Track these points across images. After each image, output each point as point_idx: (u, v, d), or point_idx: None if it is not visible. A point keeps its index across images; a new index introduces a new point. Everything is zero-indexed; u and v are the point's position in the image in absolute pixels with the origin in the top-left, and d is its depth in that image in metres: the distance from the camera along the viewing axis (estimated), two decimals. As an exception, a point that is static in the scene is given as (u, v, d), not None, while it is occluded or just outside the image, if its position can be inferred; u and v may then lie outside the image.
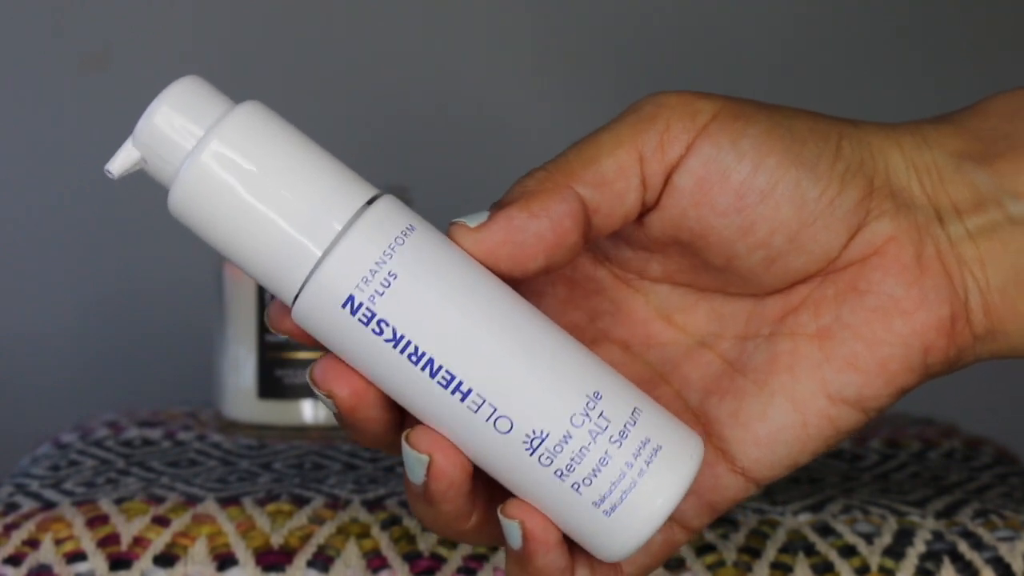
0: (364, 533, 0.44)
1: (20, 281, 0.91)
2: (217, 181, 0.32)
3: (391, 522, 0.45)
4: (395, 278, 0.32)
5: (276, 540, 0.44)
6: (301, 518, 0.45)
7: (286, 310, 0.33)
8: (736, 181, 0.35)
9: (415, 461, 0.33)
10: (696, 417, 0.36)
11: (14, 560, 0.43)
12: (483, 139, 0.93)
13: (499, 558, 0.43)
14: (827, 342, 0.36)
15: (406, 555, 0.43)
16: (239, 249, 0.33)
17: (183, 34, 0.92)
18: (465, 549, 0.43)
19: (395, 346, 0.32)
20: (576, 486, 0.33)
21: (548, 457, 0.32)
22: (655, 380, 0.37)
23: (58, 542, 0.44)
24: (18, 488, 0.49)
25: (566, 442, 0.32)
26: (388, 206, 0.33)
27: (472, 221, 0.34)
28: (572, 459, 0.32)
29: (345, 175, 0.33)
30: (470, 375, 0.32)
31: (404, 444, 0.33)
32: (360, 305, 0.32)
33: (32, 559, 0.43)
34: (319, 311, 0.32)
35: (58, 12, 0.91)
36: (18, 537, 0.44)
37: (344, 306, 0.32)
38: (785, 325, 0.36)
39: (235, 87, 1.01)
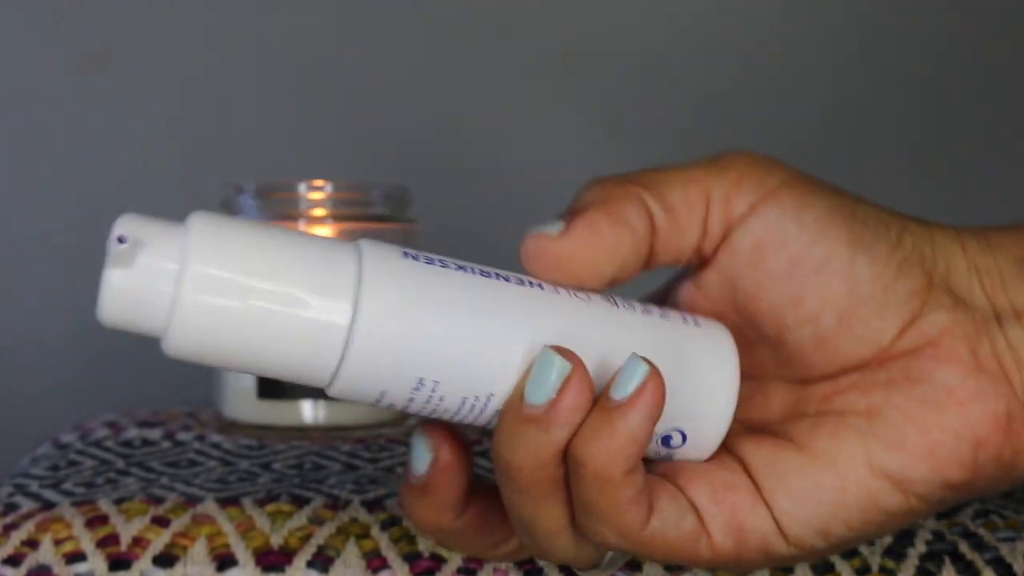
0: (364, 533, 0.44)
1: (20, 281, 0.91)
2: (215, 311, 0.31)
3: (391, 522, 0.45)
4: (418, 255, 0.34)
5: (276, 540, 0.44)
6: (301, 518, 0.45)
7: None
8: (793, 249, 0.35)
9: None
10: (734, 457, 0.37)
11: (13, 560, 0.43)
12: (483, 139, 0.92)
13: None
14: (875, 419, 0.36)
15: (406, 555, 0.43)
16: (261, 358, 0.32)
17: (183, 34, 0.92)
18: (465, 549, 0.43)
19: (464, 271, 0.33)
20: (663, 315, 0.35)
21: (626, 304, 0.35)
22: None
23: (57, 542, 0.44)
24: (17, 488, 0.49)
25: (626, 297, 0.36)
26: (373, 243, 0.34)
27: (552, 229, 0.35)
28: (643, 304, 0.36)
29: (321, 241, 0.33)
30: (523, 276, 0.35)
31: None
32: (417, 255, 0.33)
33: (31, 559, 0.43)
34: (390, 282, 0.32)
35: (58, 12, 0.91)
36: (17, 537, 0.44)
37: (405, 257, 0.33)
38: (832, 403, 0.36)
39: (235, 88, 1.01)
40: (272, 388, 0.60)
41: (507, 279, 0.34)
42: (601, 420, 0.33)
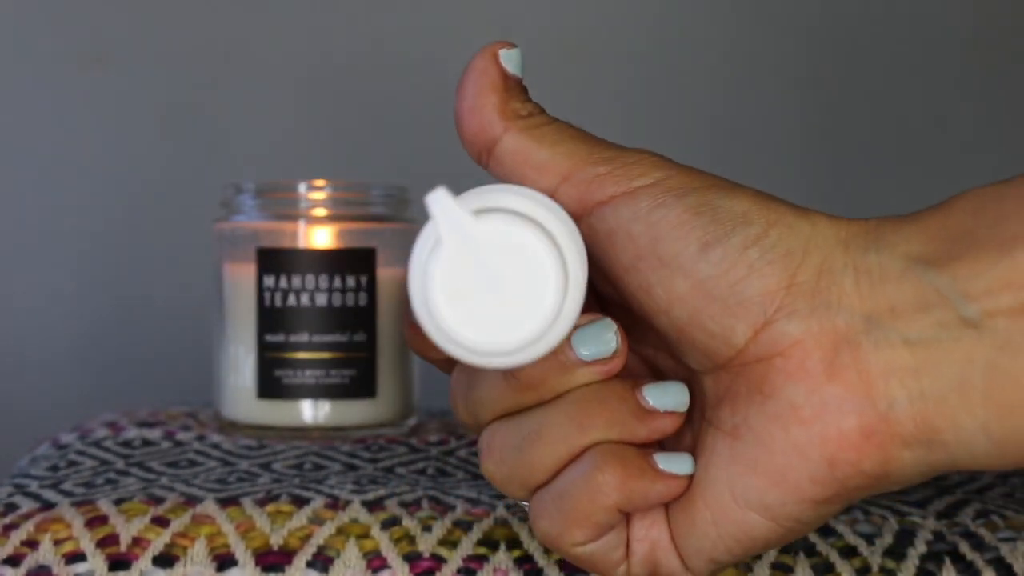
0: (364, 534, 0.44)
1: (19, 280, 0.91)
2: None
3: (391, 522, 0.45)
4: None
5: (276, 541, 0.44)
6: (301, 518, 0.45)
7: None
8: (640, 244, 0.36)
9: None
10: None
11: (13, 561, 0.43)
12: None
13: (499, 558, 0.43)
14: (736, 442, 0.36)
15: (406, 556, 0.43)
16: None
17: (183, 34, 0.92)
18: (465, 549, 0.43)
19: None
20: None
21: None
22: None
23: (57, 543, 0.44)
24: (17, 488, 0.49)
25: None
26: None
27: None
28: None
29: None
30: None
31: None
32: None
33: (31, 560, 0.43)
34: None
35: (58, 12, 0.91)
36: (17, 538, 0.44)
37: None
38: (714, 415, 0.37)
39: (236, 86, 1.01)
40: (272, 388, 0.60)
41: None
42: (644, 467, 0.36)
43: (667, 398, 0.37)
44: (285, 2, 0.93)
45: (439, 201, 0.32)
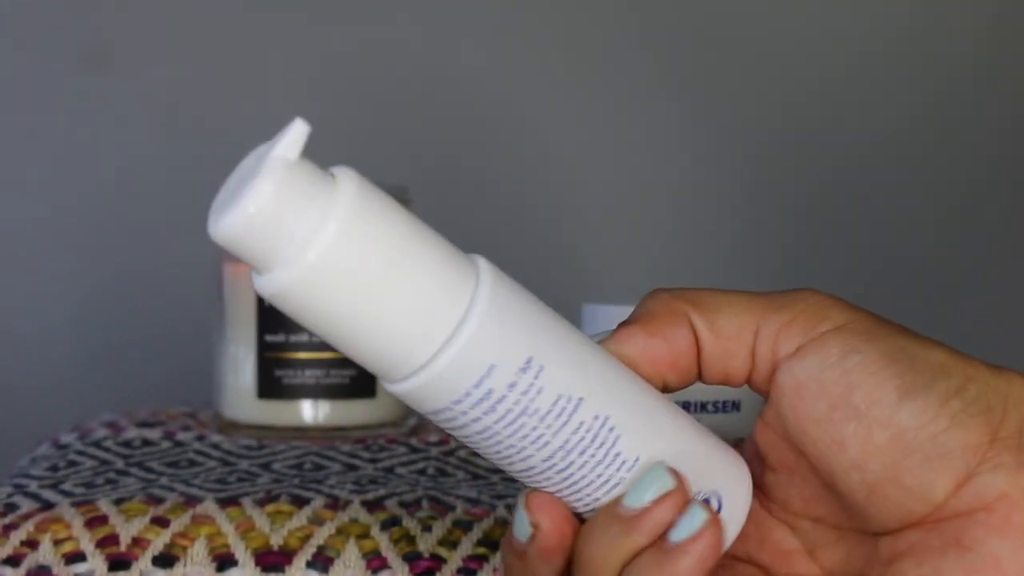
0: (364, 534, 0.44)
1: (19, 280, 0.91)
2: (336, 274, 0.31)
3: (391, 523, 0.45)
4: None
5: (276, 541, 0.44)
6: (301, 519, 0.45)
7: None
8: (833, 393, 0.34)
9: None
10: None
11: (13, 561, 0.43)
12: (483, 138, 0.93)
13: (499, 558, 0.43)
14: None
15: (406, 556, 0.43)
16: (353, 336, 0.31)
17: (184, 35, 0.92)
18: (465, 549, 0.43)
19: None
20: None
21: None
22: None
23: (57, 543, 0.44)
24: (17, 488, 0.49)
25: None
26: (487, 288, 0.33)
27: (601, 336, 0.36)
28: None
29: (448, 253, 0.33)
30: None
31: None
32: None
33: (31, 560, 0.43)
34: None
35: (60, 12, 0.91)
36: (17, 538, 0.44)
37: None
38: (890, 571, 0.35)
39: (236, 86, 1.01)
40: (272, 388, 0.60)
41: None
42: (660, 560, 0.34)
43: (639, 492, 0.34)
44: (287, 2, 0.93)
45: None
